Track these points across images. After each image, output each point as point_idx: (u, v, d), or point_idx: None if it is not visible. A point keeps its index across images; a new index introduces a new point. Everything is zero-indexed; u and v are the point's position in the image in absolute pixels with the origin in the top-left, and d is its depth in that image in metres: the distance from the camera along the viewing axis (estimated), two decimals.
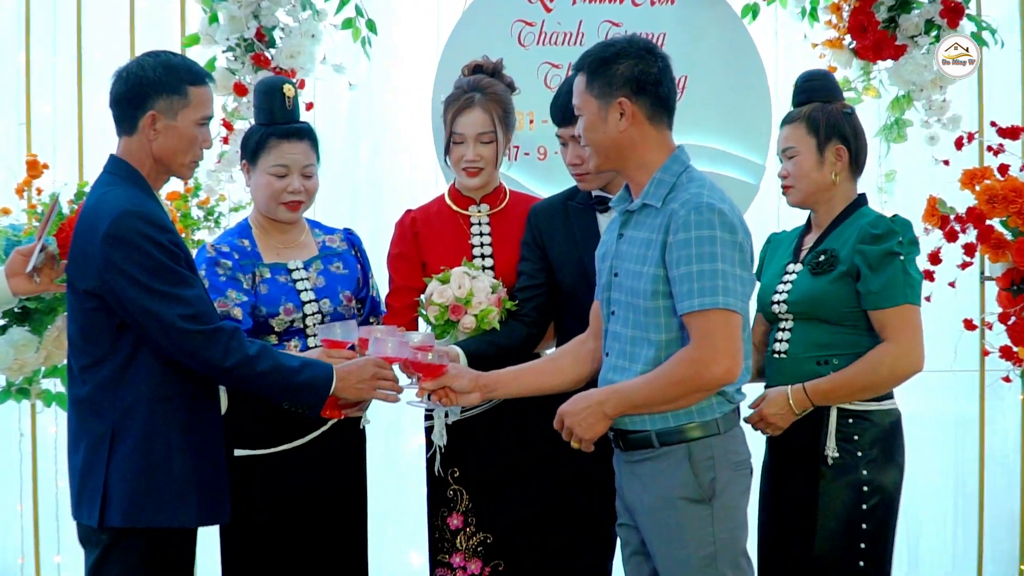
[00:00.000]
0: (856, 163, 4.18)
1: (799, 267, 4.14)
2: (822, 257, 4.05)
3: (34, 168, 5.17)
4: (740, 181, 5.63)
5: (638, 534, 3.72)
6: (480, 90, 4.37)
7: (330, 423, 4.20)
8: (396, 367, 3.93)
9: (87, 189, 4.79)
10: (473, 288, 4.26)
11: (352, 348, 4.01)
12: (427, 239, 4.42)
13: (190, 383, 3.69)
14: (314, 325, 4.23)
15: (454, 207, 4.49)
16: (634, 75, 3.61)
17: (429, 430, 4.36)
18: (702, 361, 3.47)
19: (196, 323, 3.58)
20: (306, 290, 4.26)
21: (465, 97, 4.35)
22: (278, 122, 4.28)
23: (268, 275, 4.23)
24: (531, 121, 5.55)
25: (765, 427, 4.01)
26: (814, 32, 5.77)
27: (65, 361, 4.73)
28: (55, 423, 5.50)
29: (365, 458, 4.43)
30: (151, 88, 3.71)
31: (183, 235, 4.97)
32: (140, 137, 3.73)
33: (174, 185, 5.33)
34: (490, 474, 4.33)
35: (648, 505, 3.61)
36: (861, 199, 4.20)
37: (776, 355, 4.15)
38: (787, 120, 4.22)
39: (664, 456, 3.59)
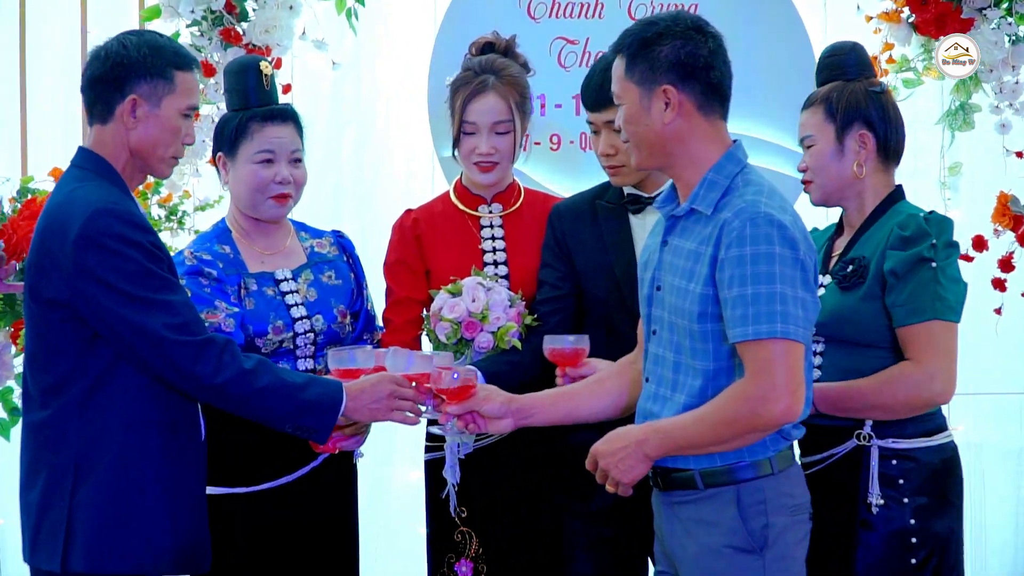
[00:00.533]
0: (886, 151, 3.89)
1: (827, 279, 3.89)
2: (850, 267, 3.82)
3: None
4: (781, 174, 5.33)
5: None
6: (494, 72, 4.16)
7: (321, 458, 4.00)
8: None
9: (32, 185, 4.83)
10: (489, 301, 4.04)
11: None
12: (431, 243, 4.21)
13: (170, 409, 3.51)
14: (305, 345, 4.04)
15: (461, 207, 4.26)
16: (680, 58, 3.34)
17: (431, 464, 4.18)
18: (759, 398, 3.22)
19: (183, 333, 3.40)
20: (296, 305, 4.06)
21: (478, 80, 4.13)
22: (256, 105, 4.10)
23: (255, 287, 4.03)
24: (542, 105, 5.30)
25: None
26: (867, 3, 5.53)
27: (8, 382, 4.85)
28: None
29: (356, 494, 4.27)
30: (133, 70, 3.54)
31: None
32: (116, 126, 3.56)
33: None
34: (503, 514, 4.14)
35: (692, 554, 3.38)
36: (896, 193, 3.92)
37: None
38: (806, 104, 3.97)
39: (710, 499, 3.35)
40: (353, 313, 4.18)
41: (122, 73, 3.53)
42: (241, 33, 5.13)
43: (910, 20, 5.30)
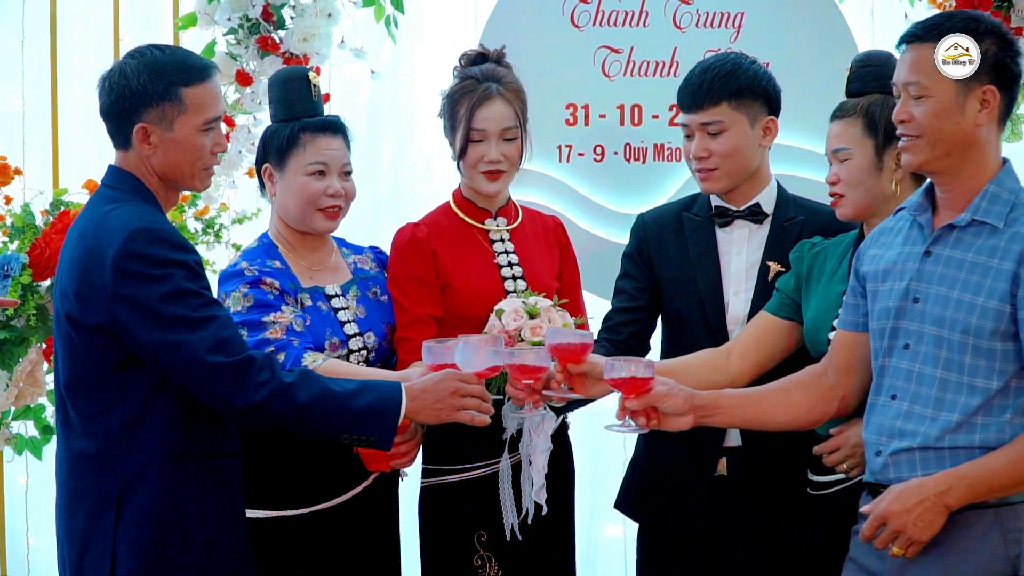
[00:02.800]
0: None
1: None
2: None
3: (3, 173, 4.89)
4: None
5: None
6: (497, 80, 4.08)
7: (371, 477, 3.92)
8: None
9: (65, 197, 4.76)
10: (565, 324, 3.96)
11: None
12: (447, 258, 4.09)
13: (210, 437, 3.47)
14: (357, 363, 3.92)
15: (469, 220, 4.17)
16: (1003, 61, 3.28)
17: (428, 490, 4.07)
18: None
19: (220, 354, 3.32)
20: (349, 322, 3.97)
21: (483, 88, 4.05)
22: (303, 115, 4.04)
23: (310, 302, 3.95)
24: (586, 115, 5.18)
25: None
26: (915, 11, 5.45)
27: (40, 399, 4.77)
28: (26, 472, 5.24)
29: (398, 514, 4.15)
30: (136, 99, 3.46)
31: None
32: (137, 152, 3.50)
33: None
34: (523, 536, 4.02)
35: None
36: None
37: None
38: (839, 114, 3.87)
39: (962, 522, 3.21)
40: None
41: (127, 105, 3.46)
42: (278, 41, 5.06)
43: (951, 5, 5.23)
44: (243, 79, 5.01)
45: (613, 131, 5.15)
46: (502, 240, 4.13)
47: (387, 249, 4.23)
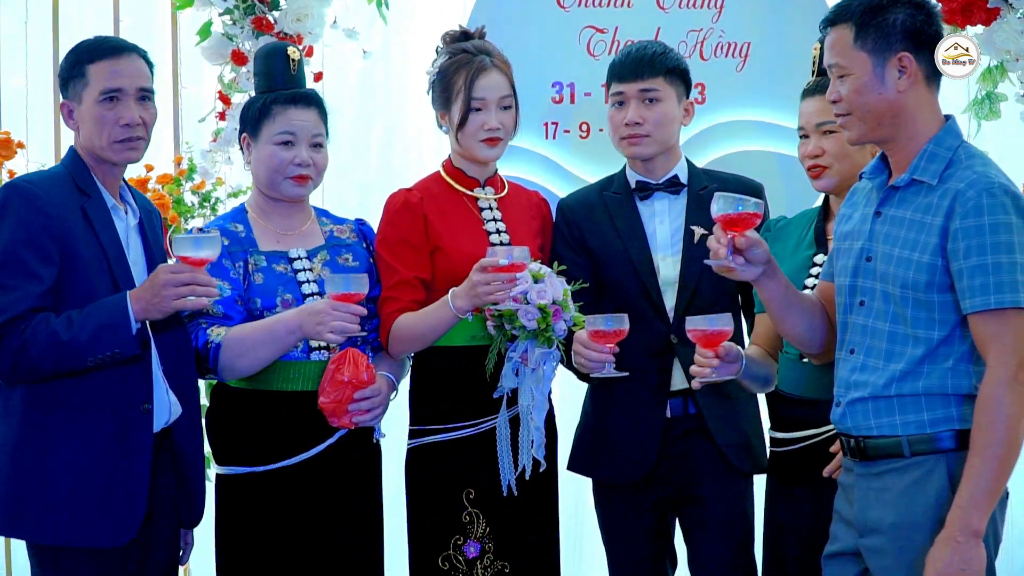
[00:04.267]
0: None
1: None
2: None
3: (6, 147, 5.05)
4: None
5: (856, 565, 3.44)
6: (488, 53, 4.19)
7: (337, 435, 3.97)
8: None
9: None
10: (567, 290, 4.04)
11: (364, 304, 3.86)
12: (438, 223, 4.15)
13: (70, 390, 3.59)
14: (338, 343, 3.96)
15: (459, 187, 4.24)
16: (915, 26, 3.37)
17: (415, 451, 4.11)
18: (1015, 378, 3.20)
19: (5, 328, 3.53)
20: (308, 282, 4.05)
21: (478, 60, 4.15)
22: (283, 87, 4.14)
23: (264, 263, 4.04)
24: (572, 94, 5.22)
25: None
26: None
27: None
28: None
29: (380, 474, 4.19)
30: (61, 81, 3.78)
31: (175, 224, 4.83)
32: (73, 129, 3.80)
33: (165, 167, 5.20)
34: (509, 493, 4.08)
35: (888, 524, 3.34)
36: None
37: (805, 359, 3.93)
38: (815, 91, 4.05)
39: (913, 467, 3.33)
40: (371, 298, 4.11)
41: (60, 86, 3.77)
42: (273, 22, 5.11)
43: (937, 9, 5.24)
44: (238, 58, 5.07)
45: (598, 108, 5.06)
46: (491, 208, 4.19)
47: (374, 223, 4.27)
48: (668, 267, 4.14)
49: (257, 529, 3.95)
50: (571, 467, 4.32)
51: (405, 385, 4.18)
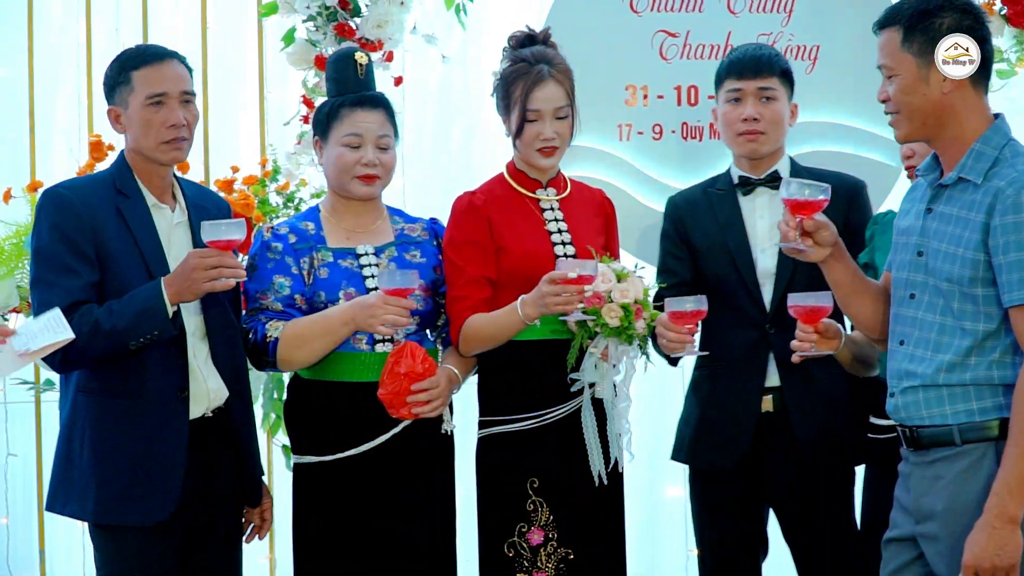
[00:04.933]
0: None
1: None
2: None
3: (98, 150, 5.07)
4: (881, 163, 5.31)
5: (913, 550, 3.51)
6: (548, 62, 4.21)
7: (402, 425, 4.05)
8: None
9: None
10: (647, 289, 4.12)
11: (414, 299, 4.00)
12: (501, 223, 4.21)
13: (113, 377, 3.80)
14: (388, 335, 4.07)
15: (521, 189, 4.30)
16: (961, 30, 3.44)
17: (485, 440, 4.19)
18: None
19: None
20: (373, 276, 4.12)
21: (535, 70, 4.18)
22: (352, 90, 4.21)
23: (331, 259, 4.13)
24: (645, 96, 5.29)
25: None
26: None
27: None
28: None
29: (451, 466, 4.26)
30: (106, 88, 3.95)
31: (260, 223, 4.86)
32: (121, 133, 3.95)
33: (251, 169, 5.24)
34: (573, 483, 4.14)
35: (942, 511, 3.42)
36: None
37: None
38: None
39: (963, 455, 3.41)
40: (443, 293, 4.21)
41: (106, 93, 3.94)
42: (354, 28, 5.16)
43: (1003, 12, 5.26)
44: (322, 63, 5.09)
45: (671, 111, 5.23)
46: (552, 208, 4.24)
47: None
48: (766, 259, 4.26)
49: (328, 517, 4.06)
50: (674, 457, 4.45)
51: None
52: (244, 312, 4.07)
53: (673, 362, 4.30)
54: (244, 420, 4.03)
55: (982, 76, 3.46)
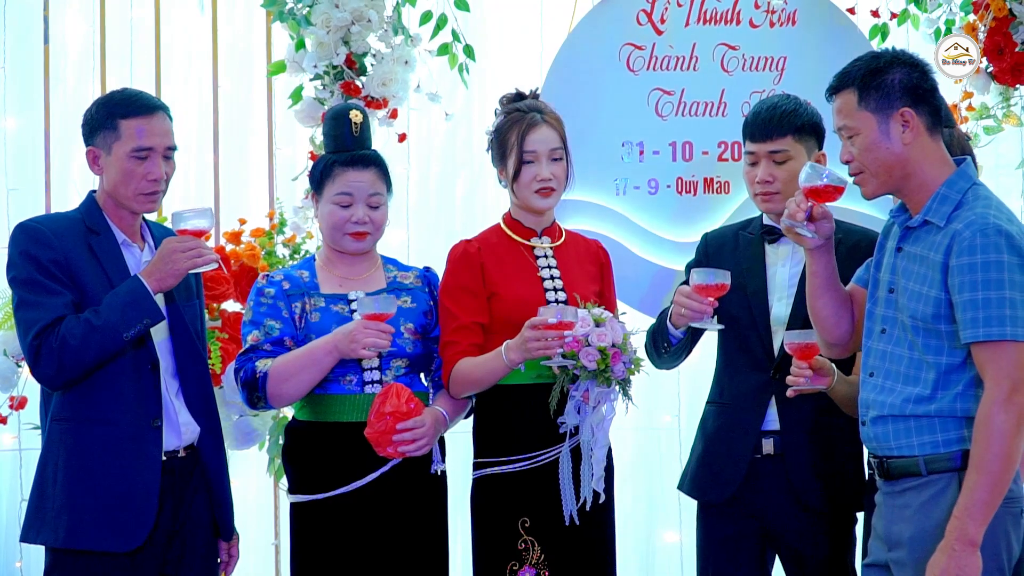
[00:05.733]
0: None
1: None
2: None
3: None
4: (868, 215, 5.28)
5: None
6: (540, 111, 4.34)
7: (390, 464, 4.13)
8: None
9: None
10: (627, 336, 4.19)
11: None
12: (494, 270, 4.31)
13: (87, 406, 3.86)
14: (370, 358, 4.17)
15: (517, 238, 4.40)
16: (912, 83, 3.59)
17: (480, 481, 4.27)
18: (1005, 399, 3.39)
19: (31, 336, 3.78)
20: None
21: (529, 116, 4.31)
22: (344, 149, 4.28)
23: (323, 304, 4.22)
24: (641, 152, 5.40)
25: None
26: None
27: None
28: None
29: (443, 506, 4.33)
30: (87, 127, 3.99)
31: (265, 272, 4.86)
32: (98, 175, 3.99)
33: (258, 222, 5.30)
34: (563, 523, 4.20)
35: (908, 537, 3.55)
36: None
37: None
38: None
39: (928, 484, 3.54)
40: (434, 338, 4.30)
41: (85, 131, 3.98)
42: (360, 86, 5.23)
43: (988, 70, 5.30)
44: None
45: (666, 166, 5.33)
46: (546, 256, 4.33)
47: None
48: (781, 307, 4.33)
49: (321, 554, 4.13)
50: (679, 486, 4.55)
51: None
52: (238, 355, 4.17)
53: (665, 349, 4.37)
54: (215, 456, 4.10)
55: (936, 125, 3.60)
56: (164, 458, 3.91)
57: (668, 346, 4.35)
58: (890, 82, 3.56)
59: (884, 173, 3.59)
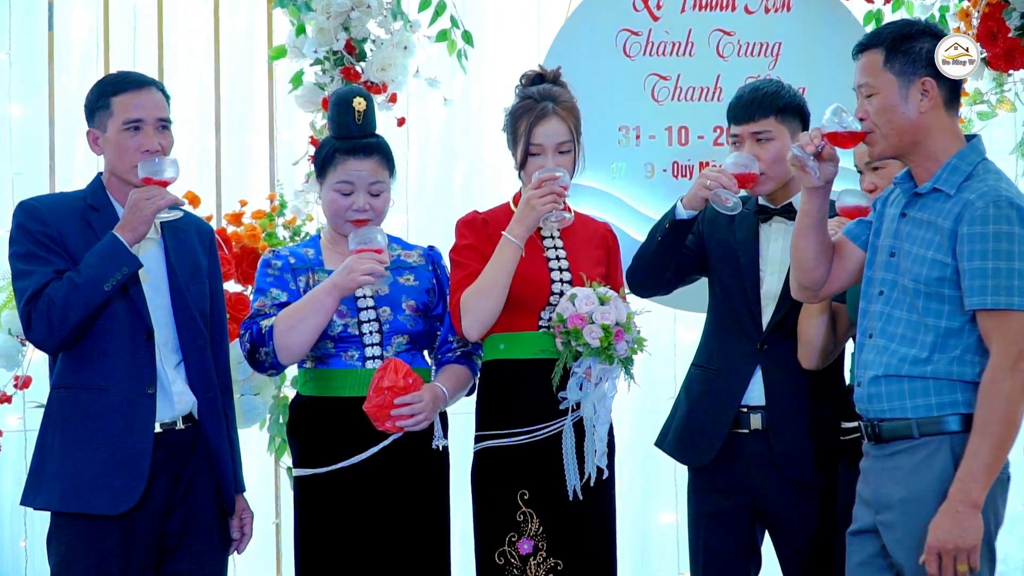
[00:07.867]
0: None
1: None
2: None
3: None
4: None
5: (875, 542, 3.68)
6: (553, 99, 4.31)
7: (390, 439, 4.16)
8: None
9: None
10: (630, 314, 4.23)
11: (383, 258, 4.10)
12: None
13: (85, 373, 3.93)
14: (371, 333, 4.22)
15: None
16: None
17: (482, 453, 4.30)
18: (1010, 366, 3.46)
19: (22, 303, 3.88)
20: (364, 296, 4.23)
21: (540, 107, 4.29)
22: (347, 136, 4.28)
23: (325, 278, 4.20)
24: (637, 137, 5.47)
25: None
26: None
27: None
28: None
29: (444, 480, 4.37)
30: (87, 110, 4.05)
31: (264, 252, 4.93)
32: (98, 155, 4.06)
33: (259, 204, 5.36)
34: (561, 496, 4.24)
35: (899, 499, 3.59)
36: None
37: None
38: None
39: (921, 447, 3.58)
40: (435, 316, 4.34)
41: (86, 116, 4.04)
42: (360, 71, 5.28)
43: (982, 56, 5.36)
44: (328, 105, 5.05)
45: (662, 150, 5.40)
46: (552, 237, 4.35)
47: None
48: (772, 281, 4.35)
49: (324, 528, 4.17)
50: (657, 443, 4.60)
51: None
52: (244, 321, 4.20)
53: (661, 247, 4.37)
54: (216, 432, 4.11)
55: (953, 101, 3.65)
56: (160, 429, 3.96)
57: (668, 225, 4.32)
58: (918, 49, 3.60)
59: (895, 136, 3.63)
